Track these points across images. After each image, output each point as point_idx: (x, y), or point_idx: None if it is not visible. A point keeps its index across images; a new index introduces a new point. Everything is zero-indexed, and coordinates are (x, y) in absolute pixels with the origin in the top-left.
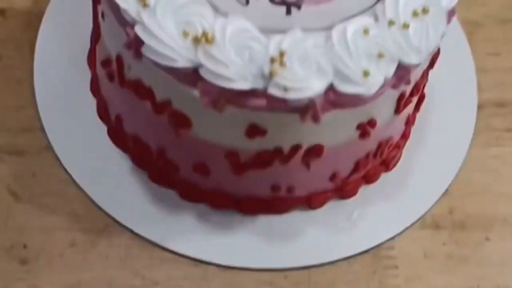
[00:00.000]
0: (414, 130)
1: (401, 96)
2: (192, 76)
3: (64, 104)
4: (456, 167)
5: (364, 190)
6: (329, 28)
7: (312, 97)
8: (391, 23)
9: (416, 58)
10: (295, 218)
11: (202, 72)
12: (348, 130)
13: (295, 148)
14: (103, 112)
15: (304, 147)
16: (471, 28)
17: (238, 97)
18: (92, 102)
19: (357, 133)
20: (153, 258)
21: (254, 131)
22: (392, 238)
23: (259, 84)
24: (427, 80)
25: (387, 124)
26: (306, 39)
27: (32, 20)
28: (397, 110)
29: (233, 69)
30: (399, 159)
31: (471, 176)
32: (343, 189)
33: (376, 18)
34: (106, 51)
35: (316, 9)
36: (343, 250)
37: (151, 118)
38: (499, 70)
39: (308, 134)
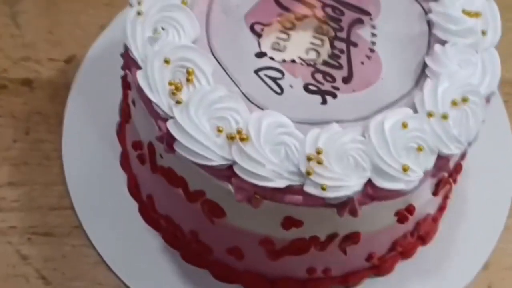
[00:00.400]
0: (451, 200)
1: (440, 181)
2: (226, 171)
3: (94, 181)
4: (494, 238)
5: (401, 265)
6: (366, 118)
7: (350, 195)
8: (430, 114)
9: (456, 148)
10: None
11: (236, 170)
12: (386, 217)
13: (332, 236)
14: (134, 189)
15: (341, 235)
16: (508, 89)
17: (274, 194)
18: (123, 178)
19: (395, 218)
20: None
21: (289, 222)
22: None
23: (295, 181)
24: (465, 157)
25: (425, 205)
26: (343, 134)
27: (59, 92)
28: (435, 193)
29: (269, 168)
30: (435, 232)
31: (510, 248)
32: (380, 266)
33: (414, 109)
34: (137, 134)
35: (352, 97)
36: None
37: (184, 204)
38: None
39: (345, 224)
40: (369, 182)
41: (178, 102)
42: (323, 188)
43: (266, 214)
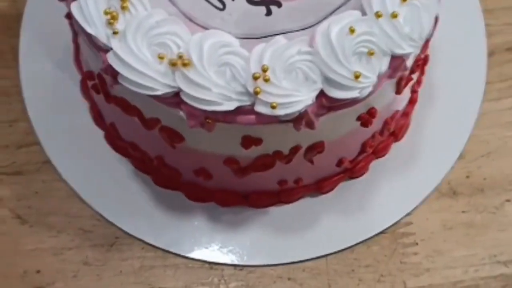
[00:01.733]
0: (422, 91)
1: (400, 79)
2: (174, 98)
3: (58, 113)
4: (469, 126)
5: (375, 165)
6: (312, 26)
7: (302, 109)
8: (378, 15)
9: (410, 47)
10: (306, 205)
11: (183, 96)
12: (348, 123)
13: (295, 149)
14: (97, 117)
15: (304, 146)
16: None
17: (225, 116)
18: (85, 107)
19: (358, 123)
20: (167, 266)
21: (248, 141)
22: (409, 213)
23: (245, 102)
24: (427, 50)
25: (390, 104)
26: (289, 47)
27: (11, 24)
28: (398, 92)
29: (216, 91)
30: (408, 126)
31: (487, 134)
32: (353, 169)
33: (362, 10)
34: (87, 64)
35: (298, 4)
36: (359, 234)
37: (144, 131)
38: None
39: (306, 136)
40: (322, 93)
41: (115, 32)
42: (273, 107)
43: (224, 135)
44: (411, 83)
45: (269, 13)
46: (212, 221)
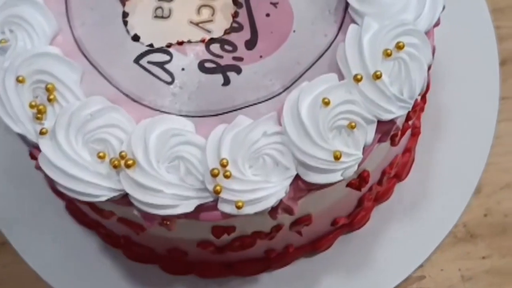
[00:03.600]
0: (424, 117)
1: (394, 136)
2: (125, 199)
3: (12, 186)
4: (484, 154)
5: (378, 212)
6: (280, 93)
7: (275, 203)
8: (357, 79)
9: (400, 109)
10: (302, 267)
11: (132, 200)
12: (337, 192)
13: (277, 227)
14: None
15: (287, 223)
16: None
17: (187, 215)
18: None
19: (348, 189)
20: None
21: (219, 231)
22: (421, 265)
23: (207, 198)
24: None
25: (385, 157)
26: (252, 129)
27: None
28: (394, 144)
29: (169, 192)
30: (412, 163)
31: (505, 161)
32: (351, 223)
33: (336, 72)
34: None
35: (260, 67)
36: None
37: (101, 218)
38: None
39: (288, 216)
40: (298, 177)
41: (42, 132)
42: (239, 206)
43: (190, 227)
44: (408, 131)
45: (226, 82)
46: None
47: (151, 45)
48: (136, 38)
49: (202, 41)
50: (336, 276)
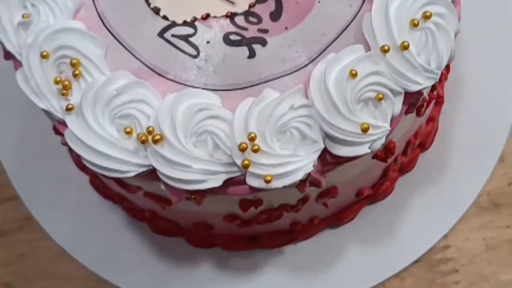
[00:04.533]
0: (447, 85)
1: (420, 107)
2: (153, 175)
3: (34, 160)
4: (508, 121)
5: (402, 182)
6: (306, 65)
7: (303, 177)
8: (384, 50)
9: (428, 80)
10: (326, 239)
11: (161, 176)
12: (362, 164)
13: (303, 200)
14: (79, 161)
15: (314, 195)
16: None
17: (214, 191)
18: (65, 150)
19: (374, 160)
20: None
21: (247, 204)
22: (445, 235)
23: (235, 173)
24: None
25: (410, 128)
26: (280, 103)
27: None
28: (419, 115)
29: (197, 167)
30: (436, 132)
31: None
32: (375, 194)
33: (363, 43)
34: None
35: (285, 39)
36: (390, 266)
37: (127, 192)
38: None
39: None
40: (326, 150)
41: (68, 109)
42: (268, 180)
43: (218, 201)
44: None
45: (252, 55)
46: (219, 268)
47: (174, 22)
48: (156, 10)
49: (227, 15)
50: (360, 247)
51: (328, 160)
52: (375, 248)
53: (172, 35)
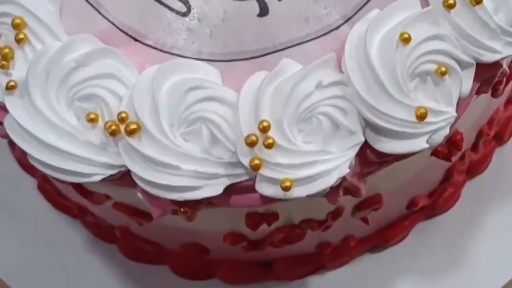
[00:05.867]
0: None
1: (497, 84)
2: (126, 177)
3: None
4: None
5: (469, 188)
6: (338, 27)
7: (336, 182)
8: (448, 4)
9: (507, 47)
10: (365, 267)
11: (137, 180)
12: (417, 164)
13: (335, 213)
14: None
15: (349, 207)
16: None
17: (212, 201)
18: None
19: (433, 158)
20: None
21: (256, 220)
22: None
23: (240, 177)
24: None
25: (484, 112)
26: (303, 79)
27: None
28: (496, 95)
29: (187, 169)
30: None
31: None
32: (434, 205)
33: None
34: None
35: None
36: None
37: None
38: None
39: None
40: (366, 144)
41: (9, 87)
42: (286, 187)
43: (216, 216)
44: None
45: (264, 12)
46: None
47: None
48: None
49: None
50: (413, 279)
51: (369, 159)
52: (435, 280)
53: None
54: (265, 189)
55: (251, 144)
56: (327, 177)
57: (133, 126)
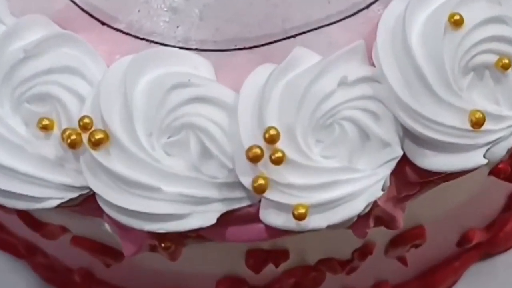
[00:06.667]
0: None
1: None
2: (90, 203)
3: None
4: None
5: None
6: (366, 7)
7: (364, 209)
8: None
9: None
10: None
11: (103, 205)
12: (471, 186)
13: (363, 252)
14: None
15: (382, 244)
16: None
17: (201, 233)
18: None
19: (491, 180)
20: None
21: (260, 259)
22: None
23: (239, 201)
24: None
25: None
26: (321, 74)
27: None
28: None
29: (170, 192)
30: None
31: None
32: (493, 240)
33: None
34: None
35: None
36: None
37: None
38: None
39: (382, 231)
40: (405, 159)
41: None
42: (300, 215)
43: (207, 254)
44: None
45: None
46: None
47: None
48: None
49: None
50: None
51: (409, 179)
52: None
53: None
54: (272, 217)
55: (254, 159)
56: (353, 203)
57: (99, 136)
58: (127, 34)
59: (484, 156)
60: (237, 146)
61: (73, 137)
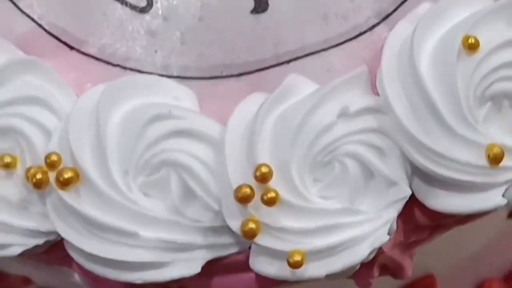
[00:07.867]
0: None
1: None
2: (57, 252)
3: None
4: None
5: None
6: (370, 29)
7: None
8: None
9: None
10: None
11: (72, 253)
12: (488, 230)
13: None
14: None
15: None
16: None
17: (185, 286)
18: None
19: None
20: None
21: None
22: None
23: (227, 247)
24: None
25: None
26: (320, 103)
27: None
28: None
29: (149, 238)
30: None
31: None
32: None
33: None
34: None
35: None
36: None
37: None
38: None
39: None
40: (414, 201)
41: None
42: (295, 263)
43: None
44: None
45: (261, 6)
46: None
47: None
48: None
49: None
50: None
51: (418, 222)
52: None
53: None
54: (264, 266)
55: (244, 200)
56: (356, 249)
57: (68, 175)
58: (99, 59)
59: (503, 196)
60: (224, 185)
61: (39, 176)
